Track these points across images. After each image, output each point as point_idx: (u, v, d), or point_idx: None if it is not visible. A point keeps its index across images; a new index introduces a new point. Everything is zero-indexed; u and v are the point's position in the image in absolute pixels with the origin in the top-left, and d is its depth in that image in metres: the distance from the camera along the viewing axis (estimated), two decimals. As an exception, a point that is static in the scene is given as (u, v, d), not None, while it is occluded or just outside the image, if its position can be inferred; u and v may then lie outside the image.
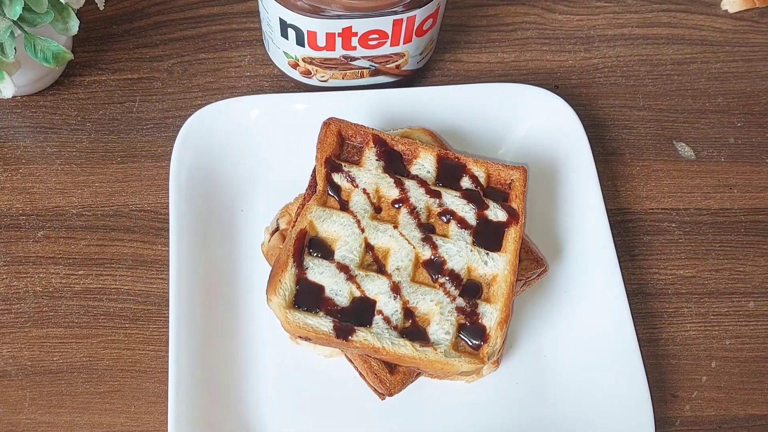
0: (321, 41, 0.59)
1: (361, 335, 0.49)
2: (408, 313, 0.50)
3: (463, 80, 0.69)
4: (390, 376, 0.51)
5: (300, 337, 0.50)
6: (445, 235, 0.52)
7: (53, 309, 0.59)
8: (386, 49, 0.61)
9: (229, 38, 0.70)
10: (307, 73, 0.64)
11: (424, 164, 0.54)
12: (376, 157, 0.54)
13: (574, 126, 0.61)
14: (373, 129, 0.55)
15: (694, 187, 0.66)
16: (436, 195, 0.53)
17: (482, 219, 0.53)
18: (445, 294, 0.50)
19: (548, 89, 0.63)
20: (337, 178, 0.53)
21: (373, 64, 0.62)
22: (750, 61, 0.71)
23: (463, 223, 0.52)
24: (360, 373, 0.54)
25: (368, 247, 0.51)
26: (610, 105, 0.69)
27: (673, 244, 0.63)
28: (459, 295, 0.51)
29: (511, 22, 0.72)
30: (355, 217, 0.52)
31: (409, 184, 0.53)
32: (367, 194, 0.53)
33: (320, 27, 0.57)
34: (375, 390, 0.53)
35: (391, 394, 0.52)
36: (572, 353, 0.57)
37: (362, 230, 0.52)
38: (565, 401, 0.55)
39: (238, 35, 0.70)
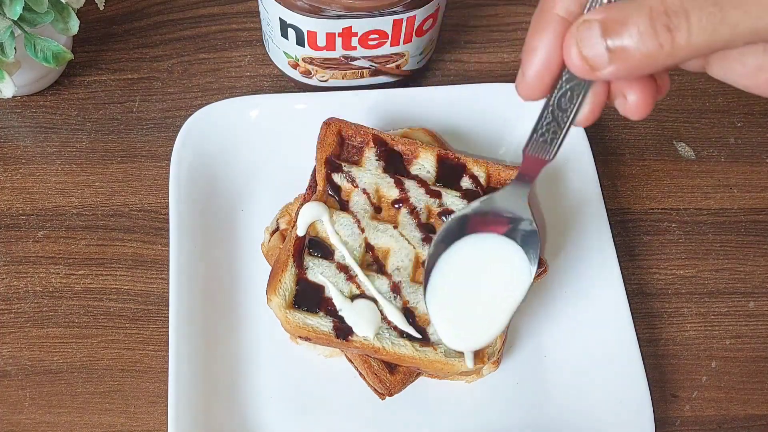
0: (321, 41, 0.59)
1: (361, 335, 0.49)
2: (408, 312, 0.50)
3: (463, 80, 0.69)
4: (390, 376, 0.51)
5: (300, 337, 0.50)
6: (445, 235, 0.52)
7: (53, 309, 0.59)
8: (386, 49, 0.61)
9: (229, 38, 0.70)
10: (307, 73, 0.64)
11: (424, 164, 0.54)
12: (376, 157, 0.54)
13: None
14: (373, 129, 0.55)
15: (694, 187, 0.66)
16: (436, 195, 0.53)
17: (482, 219, 0.53)
18: (445, 294, 0.50)
19: (548, 89, 0.62)
20: (337, 178, 0.53)
21: (373, 64, 0.62)
22: (750, 61, 0.71)
23: (463, 223, 0.52)
24: (360, 373, 0.54)
25: (368, 247, 0.51)
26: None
27: (673, 244, 0.63)
28: (459, 295, 0.50)
29: (511, 22, 0.72)
30: (355, 217, 0.52)
31: (409, 184, 0.53)
32: (367, 194, 0.53)
33: (320, 27, 0.57)
34: (375, 390, 0.53)
35: (391, 394, 0.52)
36: (572, 353, 0.57)
37: (362, 230, 0.52)
38: (565, 401, 0.55)
39: (238, 35, 0.70)
